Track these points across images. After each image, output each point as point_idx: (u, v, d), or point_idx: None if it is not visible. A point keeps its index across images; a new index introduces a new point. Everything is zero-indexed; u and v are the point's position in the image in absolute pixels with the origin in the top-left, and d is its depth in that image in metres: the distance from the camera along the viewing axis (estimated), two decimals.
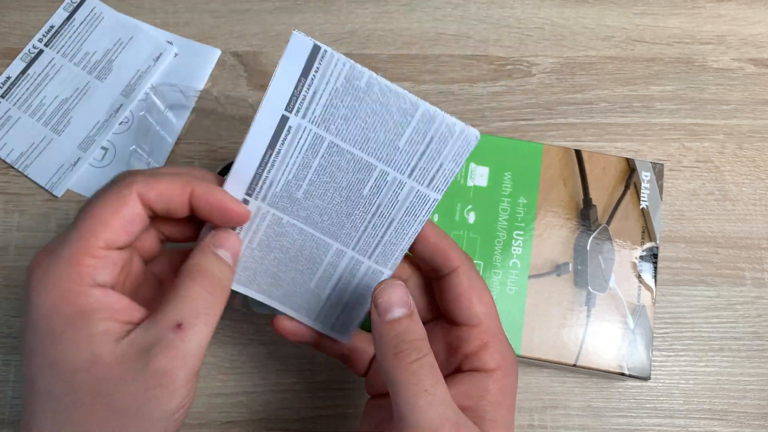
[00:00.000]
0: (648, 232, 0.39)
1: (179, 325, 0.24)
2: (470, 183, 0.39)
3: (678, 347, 0.40)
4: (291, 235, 0.29)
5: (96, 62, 0.45)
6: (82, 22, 0.46)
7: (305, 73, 0.26)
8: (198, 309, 0.25)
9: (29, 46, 0.45)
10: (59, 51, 0.45)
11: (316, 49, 0.26)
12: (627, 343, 0.37)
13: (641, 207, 0.39)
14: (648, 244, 0.39)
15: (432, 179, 0.28)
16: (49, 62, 0.45)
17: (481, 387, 0.27)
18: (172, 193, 0.26)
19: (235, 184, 0.28)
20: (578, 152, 0.40)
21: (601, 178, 0.40)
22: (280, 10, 0.47)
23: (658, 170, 0.40)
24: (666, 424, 0.39)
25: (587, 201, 0.39)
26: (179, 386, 0.24)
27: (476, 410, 0.27)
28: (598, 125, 0.44)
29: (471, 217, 0.39)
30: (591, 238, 0.39)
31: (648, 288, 0.38)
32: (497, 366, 0.28)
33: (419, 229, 0.29)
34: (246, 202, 0.29)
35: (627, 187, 0.40)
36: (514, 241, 0.38)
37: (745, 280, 0.41)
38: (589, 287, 0.38)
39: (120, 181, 0.26)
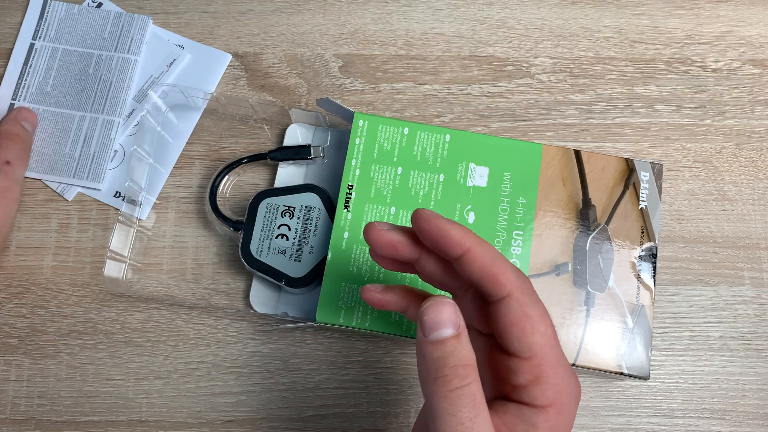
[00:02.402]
0: (647, 232, 0.39)
1: (8, 162, 0.40)
2: (469, 183, 0.39)
3: (677, 347, 0.40)
4: (47, 118, 0.43)
5: None
6: None
7: (42, 11, 0.45)
8: (18, 154, 0.40)
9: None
10: None
11: None
12: (626, 343, 0.37)
13: (640, 207, 0.39)
14: (647, 244, 0.39)
15: (128, 48, 0.44)
16: None
17: (528, 423, 0.25)
18: None
19: (5, 91, 0.44)
20: (577, 152, 0.40)
21: (601, 178, 0.40)
22: (281, 11, 0.47)
23: (657, 170, 0.40)
24: (665, 424, 0.39)
25: (586, 201, 0.39)
26: (14, 200, 0.40)
27: None
28: (597, 125, 0.44)
29: (470, 218, 0.39)
30: (590, 238, 0.39)
31: (647, 288, 0.38)
32: (550, 403, 0.25)
33: (131, 83, 0.43)
34: (12, 105, 0.43)
35: (626, 187, 0.40)
36: (513, 241, 0.38)
37: (744, 279, 0.41)
38: (588, 287, 0.38)
39: None
